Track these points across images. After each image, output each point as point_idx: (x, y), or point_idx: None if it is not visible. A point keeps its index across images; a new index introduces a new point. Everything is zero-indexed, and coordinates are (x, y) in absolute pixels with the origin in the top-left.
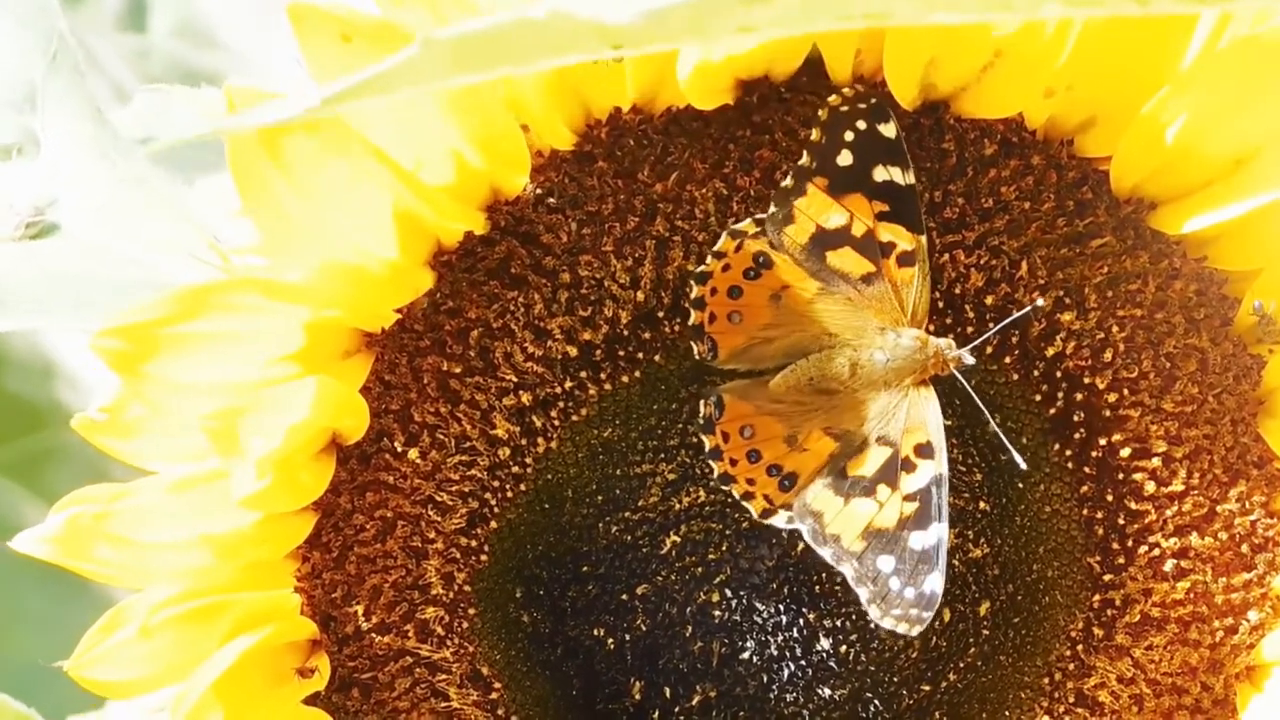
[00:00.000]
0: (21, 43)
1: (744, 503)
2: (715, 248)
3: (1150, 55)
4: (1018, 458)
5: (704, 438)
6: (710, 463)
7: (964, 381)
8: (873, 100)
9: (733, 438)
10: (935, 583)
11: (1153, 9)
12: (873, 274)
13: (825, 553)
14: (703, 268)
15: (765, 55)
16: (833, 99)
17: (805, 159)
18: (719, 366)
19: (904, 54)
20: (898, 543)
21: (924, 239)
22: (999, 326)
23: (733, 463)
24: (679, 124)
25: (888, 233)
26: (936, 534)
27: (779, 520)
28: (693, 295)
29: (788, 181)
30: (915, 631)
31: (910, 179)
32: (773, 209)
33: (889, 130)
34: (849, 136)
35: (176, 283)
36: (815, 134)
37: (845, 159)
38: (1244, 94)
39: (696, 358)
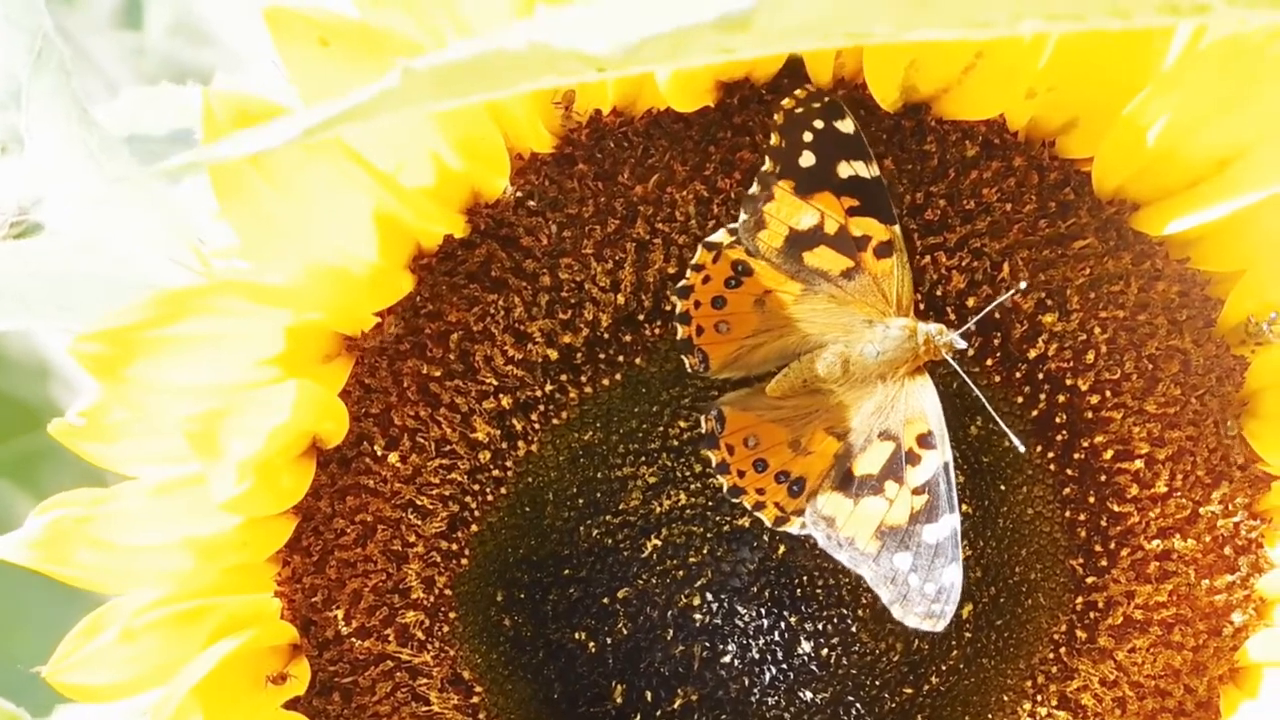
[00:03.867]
0: (7, 42)
1: (756, 513)
2: (693, 261)
3: (1132, 56)
4: (1015, 440)
5: (709, 453)
6: (719, 477)
7: (957, 366)
8: (826, 99)
9: (737, 449)
10: (954, 575)
11: (1132, 22)
12: (852, 269)
13: (842, 557)
14: (683, 282)
15: (746, 59)
16: (786, 101)
17: (768, 164)
18: (712, 377)
19: (885, 56)
20: (912, 538)
21: (898, 228)
22: (986, 309)
23: (740, 474)
24: (660, 126)
25: (860, 227)
26: (949, 525)
27: (792, 527)
28: (677, 310)
29: (754, 188)
30: (940, 626)
31: (874, 171)
32: (743, 216)
33: (846, 126)
34: (808, 137)
35: (162, 282)
36: (774, 138)
37: (807, 159)
38: (1226, 95)
39: (689, 370)
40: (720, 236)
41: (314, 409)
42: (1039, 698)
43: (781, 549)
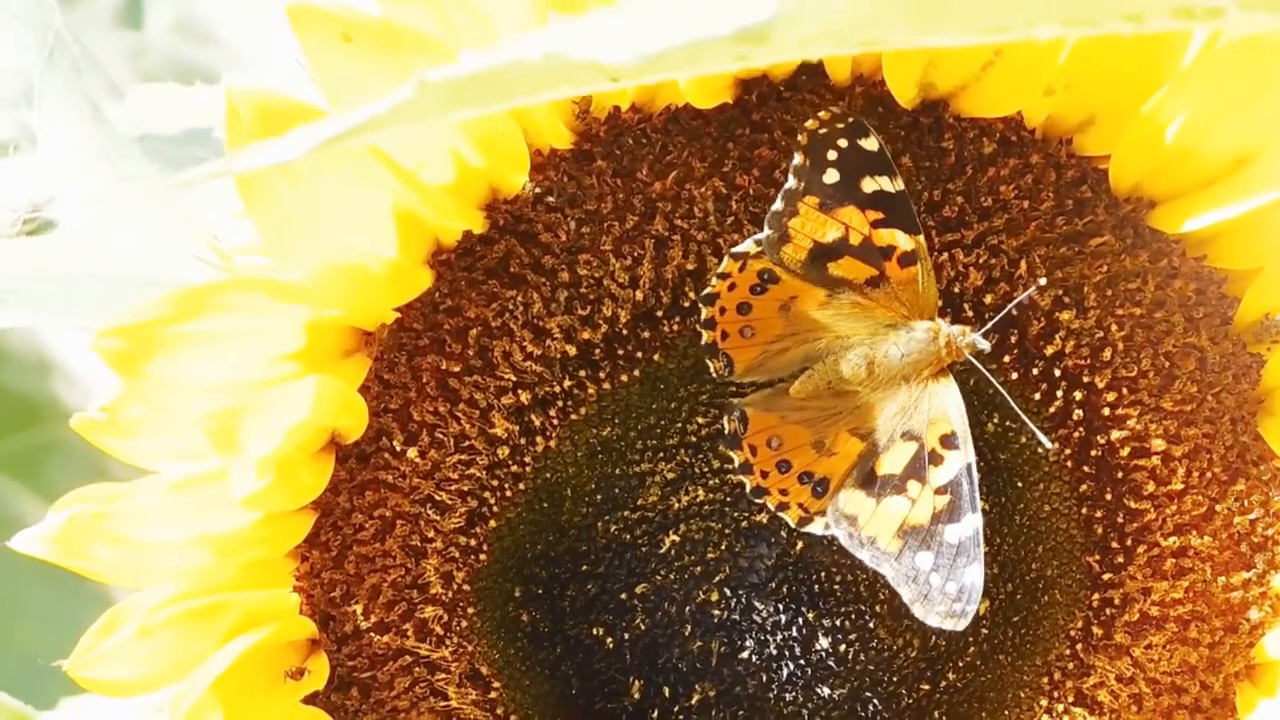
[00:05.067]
0: (19, 40)
1: (780, 514)
2: (719, 270)
3: (1150, 54)
4: (1042, 438)
5: (732, 453)
6: (742, 478)
7: (980, 367)
8: (850, 119)
9: (760, 450)
10: (975, 574)
11: (1144, 27)
12: (877, 277)
13: (863, 556)
14: (708, 290)
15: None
16: (810, 123)
17: (792, 181)
18: (737, 380)
19: (903, 55)
20: (934, 538)
21: (922, 238)
22: (1007, 309)
23: (764, 475)
24: (678, 122)
25: (885, 238)
26: (971, 525)
27: (816, 528)
28: (702, 317)
29: (778, 205)
30: (961, 626)
31: (899, 186)
32: (767, 231)
33: (870, 144)
34: (832, 155)
35: (174, 280)
36: (798, 157)
37: (831, 177)
38: (1244, 93)
39: (714, 375)
40: (747, 247)
41: (333, 405)
42: (1055, 694)
43: (799, 545)
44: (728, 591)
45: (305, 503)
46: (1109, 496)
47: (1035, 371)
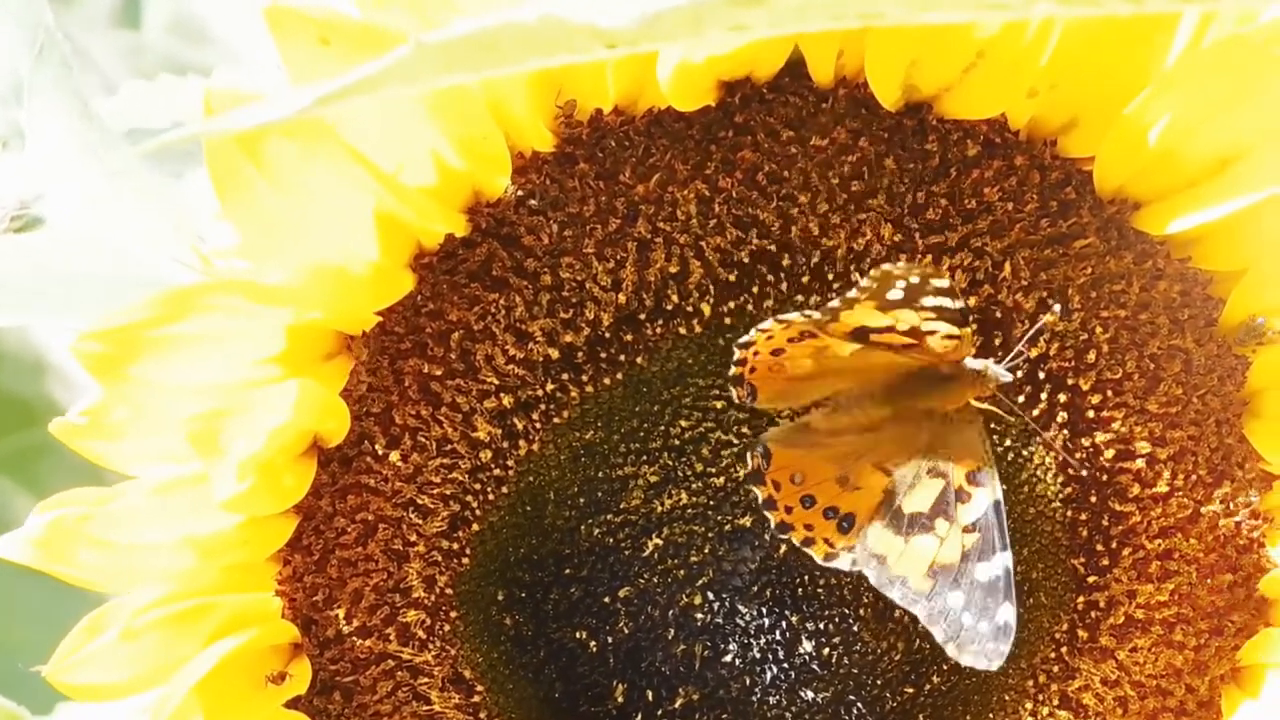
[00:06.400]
0: (9, 37)
1: (805, 549)
2: (762, 326)
3: (1133, 55)
4: (1073, 463)
5: (755, 489)
6: (766, 514)
7: (1004, 399)
8: (929, 272)
9: (784, 485)
10: (1008, 613)
11: (1144, 8)
12: (914, 345)
13: (894, 595)
14: (747, 338)
15: (747, 56)
16: (889, 268)
17: (854, 293)
18: (759, 409)
19: (886, 55)
20: (964, 577)
21: (969, 330)
22: (1026, 336)
23: (788, 510)
24: (661, 125)
25: (932, 325)
26: (1002, 563)
27: (842, 563)
28: (735, 357)
29: (835, 303)
30: (995, 665)
31: (960, 304)
32: (818, 315)
33: (941, 282)
34: (900, 284)
35: (163, 279)
36: (866, 282)
37: (895, 295)
38: (1228, 94)
39: (735, 401)
40: (794, 317)
41: (315, 408)
42: (1040, 697)
43: (783, 548)
44: (711, 595)
45: (287, 506)
46: (1094, 499)
47: (1019, 374)
